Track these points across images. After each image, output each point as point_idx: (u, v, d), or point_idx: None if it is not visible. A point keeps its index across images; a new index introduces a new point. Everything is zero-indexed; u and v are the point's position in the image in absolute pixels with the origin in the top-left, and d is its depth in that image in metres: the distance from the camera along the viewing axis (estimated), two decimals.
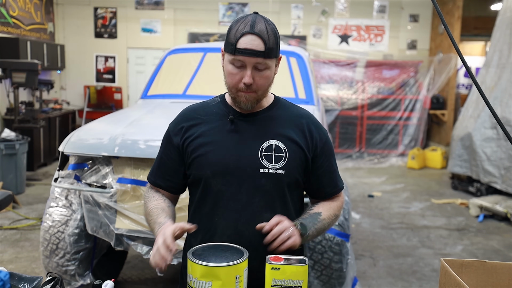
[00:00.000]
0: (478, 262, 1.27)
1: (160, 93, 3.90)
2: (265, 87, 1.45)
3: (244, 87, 1.41)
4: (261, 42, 1.38)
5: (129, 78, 9.40)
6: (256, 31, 1.38)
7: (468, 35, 9.49)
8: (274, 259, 1.26)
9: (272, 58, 1.42)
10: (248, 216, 1.47)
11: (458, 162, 6.66)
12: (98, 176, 2.81)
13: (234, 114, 1.50)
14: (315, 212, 1.52)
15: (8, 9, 7.22)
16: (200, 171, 1.49)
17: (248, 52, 1.37)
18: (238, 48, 1.37)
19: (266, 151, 1.46)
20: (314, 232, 1.48)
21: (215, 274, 1.17)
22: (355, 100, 8.84)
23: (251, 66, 1.39)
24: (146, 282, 3.64)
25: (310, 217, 1.49)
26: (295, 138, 1.50)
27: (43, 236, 2.91)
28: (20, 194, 5.81)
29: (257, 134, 1.48)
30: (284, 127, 1.51)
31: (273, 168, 1.46)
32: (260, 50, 1.38)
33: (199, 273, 1.18)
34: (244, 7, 9.17)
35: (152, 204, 1.54)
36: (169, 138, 1.57)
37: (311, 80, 3.79)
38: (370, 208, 5.78)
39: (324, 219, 1.52)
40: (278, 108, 1.55)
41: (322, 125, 1.60)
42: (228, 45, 1.41)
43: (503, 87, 6.05)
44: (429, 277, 3.85)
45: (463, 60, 1.26)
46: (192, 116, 1.55)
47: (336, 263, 2.75)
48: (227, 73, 1.44)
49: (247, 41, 1.37)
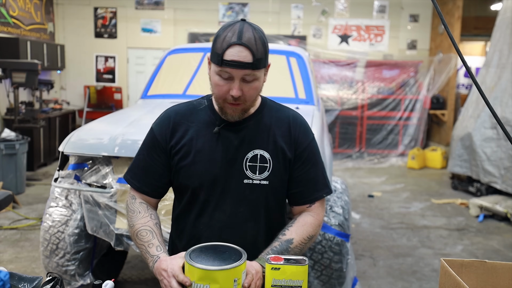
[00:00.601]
0: (478, 262, 1.26)
1: (160, 93, 3.90)
2: (253, 97, 1.41)
3: (232, 99, 1.37)
4: (249, 54, 1.31)
5: (129, 78, 9.40)
6: (243, 41, 1.31)
7: (468, 35, 9.49)
8: (274, 259, 1.25)
9: (260, 69, 1.36)
10: (232, 226, 1.47)
11: (458, 162, 6.66)
12: (98, 176, 2.81)
13: (220, 122, 1.47)
14: (287, 239, 1.44)
15: (8, 9, 7.22)
16: (187, 180, 1.48)
17: (235, 65, 1.31)
18: (225, 60, 1.31)
19: (251, 161, 1.45)
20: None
21: (213, 278, 1.16)
22: (355, 100, 8.84)
23: (239, 78, 1.34)
24: (146, 282, 3.64)
25: (280, 246, 1.42)
26: (280, 144, 1.48)
27: (43, 236, 2.91)
28: (20, 194, 5.81)
29: (243, 143, 1.46)
30: (270, 133, 1.48)
31: (257, 179, 1.45)
32: (248, 62, 1.31)
33: (197, 276, 1.17)
34: (244, 7, 9.17)
35: (139, 222, 1.47)
36: (155, 140, 1.50)
37: (311, 80, 3.79)
38: (370, 208, 5.78)
39: (295, 247, 1.43)
40: (265, 112, 1.51)
41: (308, 128, 1.55)
42: (214, 55, 1.36)
43: (503, 87, 6.05)
44: (429, 277, 3.85)
45: (463, 60, 1.26)
46: (178, 120, 1.50)
47: (336, 263, 2.75)
48: (214, 84, 1.39)
49: (234, 53, 1.31)
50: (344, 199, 3.01)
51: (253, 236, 1.49)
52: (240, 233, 1.47)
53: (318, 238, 2.75)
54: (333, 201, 2.95)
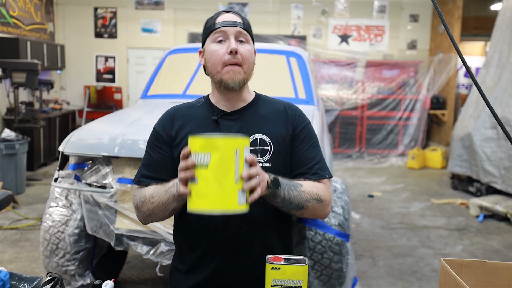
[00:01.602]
0: (478, 262, 1.26)
1: (160, 93, 3.90)
2: (249, 61, 1.46)
3: (230, 56, 1.42)
4: (238, 17, 1.47)
5: (129, 78, 9.40)
6: (231, 11, 1.50)
7: (468, 35, 9.49)
8: (274, 259, 1.25)
9: (249, 34, 1.48)
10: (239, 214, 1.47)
11: (458, 162, 6.66)
12: (98, 176, 2.81)
13: (218, 113, 1.50)
14: (297, 182, 1.43)
15: (8, 9, 7.22)
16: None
17: (228, 22, 1.44)
18: (218, 22, 1.45)
19: (251, 146, 1.46)
20: (287, 195, 1.36)
21: (214, 145, 1.15)
22: (355, 100, 8.84)
23: (233, 35, 1.44)
24: (146, 282, 3.64)
25: (289, 181, 1.40)
26: (279, 128, 1.51)
27: (43, 236, 2.91)
28: (20, 194, 5.81)
29: (242, 130, 1.48)
30: (267, 120, 1.52)
31: (259, 162, 1.46)
32: (239, 21, 1.46)
33: (198, 145, 1.16)
34: (244, 7, 9.17)
35: (150, 189, 1.46)
36: (157, 135, 1.53)
37: (311, 80, 3.79)
38: (370, 208, 5.78)
39: (303, 191, 1.40)
40: (260, 103, 1.56)
41: (302, 112, 1.60)
42: (206, 30, 1.49)
43: (503, 87, 6.05)
44: (429, 277, 3.85)
45: (463, 60, 1.26)
46: (177, 116, 1.54)
47: (336, 263, 2.75)
48: (211, 53, 1.45)
49: (225, 17, 1.46)
50: (344, 199, 3.00)
51: (261, 221, 1.48)
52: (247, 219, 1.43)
53: (318, 238, 2.75)
54: (333, 201, 2.94)
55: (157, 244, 2.74)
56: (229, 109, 1.51)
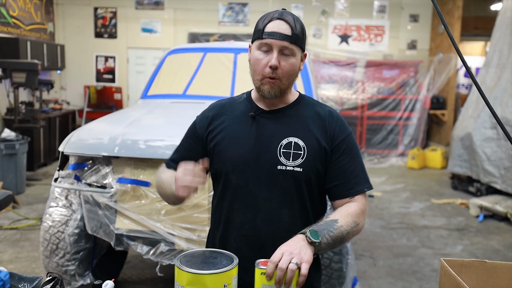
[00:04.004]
0: (478, 262, 1.26)
1: (160, 93, 3.90)
2: (289, 75, 1.45)
3: (270, 71, 1.41)
4: (288, 27, 1.41)
5: (129, 78, 9.40)
6: (284, 17, 1.42)
7: (468, 35, 9.49)
8: (264, 263, 1.22)
9: (298, 46, 1.44)
10: (266, 212, 1.47)
11: (458, 162, 6.66)
12: (98, 176, 2.81)
13: (257, 110, 1.52)
14: (331, 219, 1.39)
15: (8, 9, 7.22)
16: (221, 165, 1.52)
17: (275, 34, 1.40)
18: (266, 31, 1.41)
19: (285, 148, 1.46)
20: (330, 240, 1.32)
21: (202, 282, 1.13)
22: (355, 100, 8.84)
23: (277, 49, 1.41)
24: (146, 282, 3.64)
25: (325, 224, 1.36)
26: (315, 135, 1.48)
27: (43, 236, 2.90)
28: (20, 194, 5.81)
29: (278, 130, 1.49)
30: (305, 124, 1.50)
31: (290, 165, 1.45)
32: (286, 34, 1.40)
33: (186, 280, 1.14)
34: (244, 7, 9.17)
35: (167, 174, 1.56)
36: (194, 129, 1.60)
37: (311, 80, 3.79)
38: (370, 208, 5.78)
39: (341, 226, 1.37)
40: (301, 105, 1.54)
41: (345, 122, 1.56)
42: (256, 32, 1.46)
43: (503, 87, 6.05)
44: (429, 277, 3.85)
45: (463, 60, 1.26)
46: (218, 111, 1.58)
47: (336, 263, 2.75)
48: (254, 60, 1.45)
49: (275, 25, 1.41)
50: None
51: (287, 223, 1.48)
52: (274, 220, 1.46)
53: None
54: None
55: (157, 244, 2.74)
56: (268, 108, 1.52)
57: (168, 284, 3.59)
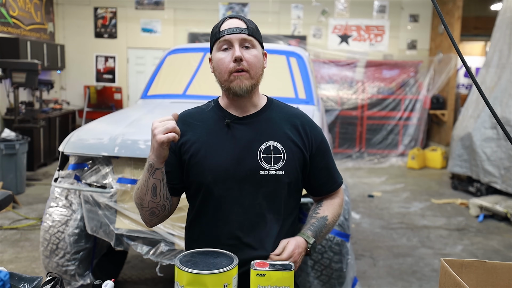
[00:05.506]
0: (478, 262, 1.26)
1: (160, 93, 3.90)
2: (256, 67, 1.44)
3: (235, 64, 1.41)
4: (242, 22, 1.44)
5: (129, 78, 9.40)
6: (235, 16, 1.47)
7: (468, 35, 9.49)
8: (259, 264, 1.21)
9: (256, 39, 1.46)
10: (253, 218, 1.46)
11: (458, 162, 6.66)
12: (98, 176, 2.81)
13: (229, 117, 1.49)
14: (322, 216, 1.55)
15: (8, 9, 7.22)
16: (200, 177, 1.47)
17: (232, 29, 1.42)
18: (222, 30, 1.43)
19: (265, 153, 1.46)
20: (320, 239, 1.52)
21: (202, 282, 1.13)
22: (355, 100, 8.84)
23: (237, 42, 1.42)
24: (146, 282, 3.64)
25: (318, 222, 1.53)
26: (292, 138, 1.50)
27: (43, 236, 2.90)
28: (20, 194, 5.81)
29: (254, 136, 1.47)
30: (280, 127, 1.50)
31: (272, 169, 1.45)
32: (242, 27, 1.43)
33: (186, 280, 1.14)
34: (244, 7, 9.17)
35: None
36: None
37: (311, 80, 3.79)
38: (370, 208, 5.78)
39: (329, 223, 1.55)
40: (272, 109, 1.54)
41: (316, 124, 1.60)
42: (212, 37, 1.48)
43: (503, 87, 6.05)
44: (429, 277, 3.85)
45: (463, 60, 1.26)
46: (187, 122, 1.52)
47: (336, 263, 2.75)
48: (217, 61, 1.45)
49: (229, 23, 1.44)
50: (344, 199, 3.00)
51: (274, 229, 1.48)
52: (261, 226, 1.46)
53: None
54: None
55: (157, 244, 2.74)
56: (240, 114, 1.50)
57: (168, 284, 3.59)
